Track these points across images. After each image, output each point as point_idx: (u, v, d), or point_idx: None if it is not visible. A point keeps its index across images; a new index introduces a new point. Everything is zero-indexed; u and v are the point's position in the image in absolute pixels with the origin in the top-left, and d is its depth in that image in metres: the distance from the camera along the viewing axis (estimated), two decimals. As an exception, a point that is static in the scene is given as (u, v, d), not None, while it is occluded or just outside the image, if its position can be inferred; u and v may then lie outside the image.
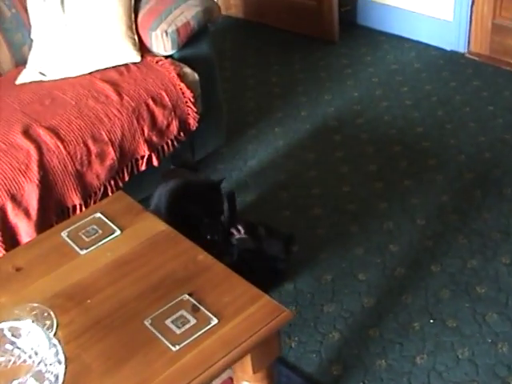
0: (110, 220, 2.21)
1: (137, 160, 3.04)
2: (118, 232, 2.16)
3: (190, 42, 3.21)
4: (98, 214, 2.25)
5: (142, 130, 2.97)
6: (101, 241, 2.13)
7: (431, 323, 2.64)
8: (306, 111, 3.91)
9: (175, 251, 2.10)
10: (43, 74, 3.09)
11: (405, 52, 4.39)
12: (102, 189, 2.91)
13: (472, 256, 2.92)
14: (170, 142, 3.11)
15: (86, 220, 2.24)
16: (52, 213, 2.77)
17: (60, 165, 2.74)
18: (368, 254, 2.95)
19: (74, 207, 2.85)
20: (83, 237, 2.15)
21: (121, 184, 2.97)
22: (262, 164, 3.54)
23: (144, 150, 3.00)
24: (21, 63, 3.22)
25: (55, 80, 3.08)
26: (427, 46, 4.42)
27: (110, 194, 2.92)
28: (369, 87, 4.07)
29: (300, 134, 3.74)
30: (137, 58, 3.09)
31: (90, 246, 2.11)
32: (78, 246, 2.11)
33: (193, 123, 3.15)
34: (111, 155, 2.87)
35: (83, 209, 2.84)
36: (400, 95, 3.95)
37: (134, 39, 3.11)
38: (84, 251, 2.09)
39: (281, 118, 3.88)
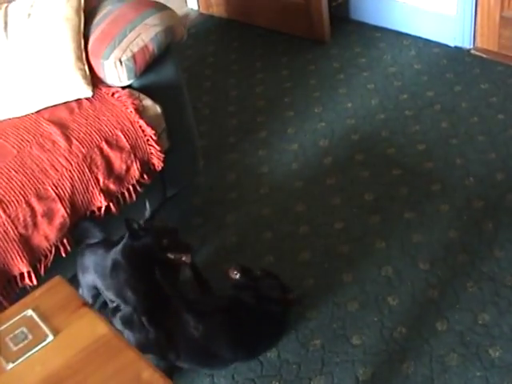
0: (42, 319, 1.89)
1: (93, 212, 2.60)
2: (50, 337, 1.83)
3: (151, 67, 2.75)
4: (30, 312, 1.92)
5: (97, 179, 2.57)
6: (30, 350, 1.81)
7: (437, 401, 2.22)
8: (293, 128, 3.48)
9: (116, 365, 1.76)
10: (-15, 115, 2.66)
11: (403, 50, 3.93)
12: (53, 250, 2.50)
13: (483, 308, 2.53)
14: (131, 188, 2.68)
15: (15, 320, 1.91)
16: (-5, 286, 2.37)
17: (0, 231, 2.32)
18: (363, 311, 2.56)
19: (22, 275, 2.43)
20: (11, 344, 1.83)
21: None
22: (243, 196, 3.15)
23: (100, 201, 2.59)
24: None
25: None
26: (428, 42, 3.97)
27: (63, 254, 2.52)
28: (363, 96, 3.63)
29: (286, 157, 3.32)
30: (88, 92, 2.68)
31: (18, 358, 1.79)
32: (4, 357, 1.80)
33: (157, 163, 2.75)
34: (60, 212, 2.48)
35: (32, 276, 2.48)
36: (399, 104, 3.52)
37: (85, 71, 2.70)
38: (11, 365, 1.78)
39: (265, 137, 3.47)
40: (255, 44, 4.31)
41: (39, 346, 1.81)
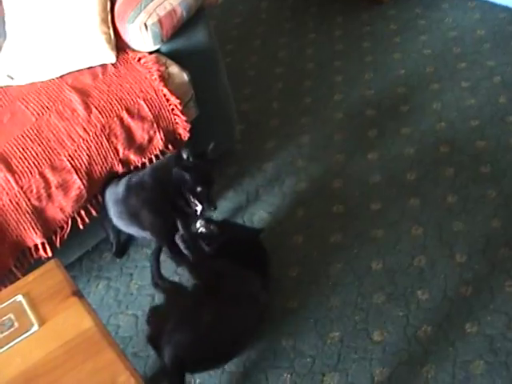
0: (31, 307, 1.86)
1: (113, 182, 2.51)
2: (35, 327, 1.81)
3: (181, 32, 2.60)
4: (20, 298, 1.89)
5: (116, 150, 2.48)
6: (14, 340, 1.79)
7: (455, 412, 2.05)
8: (340, 95, 3.28)
9: (94, 365, 1.71)
10: (11, 78, 2.60)
11: (467, 13, 3.63)
12: (69, 222, 2.41)
13: (520, 312, 2.28)
14: (154, 158, 2.57)
15: (4, 305, 1.89)
16: (8, 257, 2.41)
17: (11, 203, 2.33)
18: (389, 304, 2.40)
19: (37, 246, 2.38)
20: None
21: (94, 213, 2.47)
22: (280, 168, 2.99)
23: (119, 172, 2.48)
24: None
25: (22, 86, 2.61)
26: (494, 5, 3.64)
27: (80, 226, 2.45)
28: (419, 62, 3.38)
29: (330, 126, 3.14)
30: (111, 57, 2.58)
31: (1, 348, 1.78)
32: None
33: (183, 133, 2.62)
34: (76, 184, 2.41)
35: (47, 248, 2.44)
36: (455, 74, 3.26)
37: (109, 35, 2.58)
38: None
39: (310, 104, 3.27)
40: (310, 1, 4.05)
41: (23, 336, 1.78)
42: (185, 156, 2.32)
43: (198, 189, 2.33)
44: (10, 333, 1.78)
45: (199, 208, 2.37)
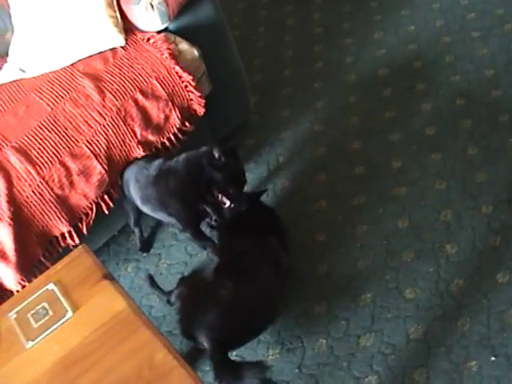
0: (63, 294, 1.88)
1: (135, 165, 2.52)
2: (69, 314, 1.83)
3: (187, 8, 2.59)
4: (52, 286, 1.91)
5: (133, 132, 2.48)
6: (50, 327, 1.81)
7: (492, 362, 2.10)
8: (351, 56, 3.26)
9: (131, 345, 1.73)
10: (23, 71, 2.62)
11: (473, -37, 3.55)
12: (94, 207, 2.43)
13: (551, 256, 2.26)
14: (172, 137, 2.57)
15: (37, 294, 1.90)
16: (36, 247, 2.41)
17: (35, 194, 2.33)
18: (419, 260, 2.40)
19: (63, 235, 2.39)
20: (32, 321, 1.84)
21: (117, 196, 2.49)
22: (298, 135, 2.99)
23: (140, 153, 2.49)
24: (5, 54, 2.77)
25: (35, 77, 2.62)
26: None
27: (105, 211, 2.46)
28: (428, 17, 3.34)
29: (343, 88, 3.13)
30: (120, 40, 2.57)
31: (38, 336, 1.80)
32: (24, 335, 1.81)
33: (199, 109, 2.63)
34: (97, 169, 2.42)
35: (74, 236, 2.45)
36: (465, 25, 3.22)
37: (116, 18, 2.58)
38: (30, 343, 1.79)
39: (322, 68, 3.26)
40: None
41: (58, 323, 1.80)
42: (216, 154, 2.29)
43: (230, 190, 2.32)
44: (46, 321, 1.80)
45: (227, 205, 2.35)
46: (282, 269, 2.32)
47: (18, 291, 2.29)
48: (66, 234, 2.44)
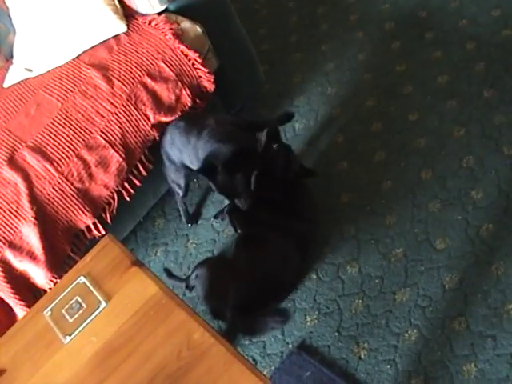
0: (94, 285, 1.88)
1: (151, 148, 2.51)
2: (103, 304, 1.83)
3: (185, -14, 2.57)
4: (82, 279, 1.91)
5: (146, 116, 2.48)
6: (85, 320, 1.82)
7: (531, 302, 2.05)
8: (355, 14, 3.22)
9: (167, 328, 1.73)
10: (30, 70, 2.63)
11: None
12: (115, 196, 2.44)
13: None
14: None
15: (69, 289, 1.91)
16: (63, 243, 2.42)
17: (55, 190, 2.34)
18: (446, 210, 2.39)
19: (89, 227, 2.41)
20: (67, 316, 1.85)
21: (138, 183, 2.49)
22: (311, 99, 2.97)
23: (156, 136, 2.49)
24: (10, 56, 2.79)
25: (42, 75, 2.62)
26: None
27: (127, 198, 2.47)
28: (429, -36, 3.26)
29: (351, 47, 3.09)
30: (122, 27, 2.56)
31: (74, 330, 1.80)
32: (61, 331, 1.82)
33: (209, 85, 2.61)
34: (115, 158, 2.42)
35: (99, 227, 2.46)
36: (468, -32, 3.13)
37: (115, 5, 2.57)
38: (68, 338, 1.80)
39: (327, 30, 3.23)
40: None
41: (93, 315, 1.81)
42: (263, 139, 2.26)
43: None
44: (80, 314, 1.81)
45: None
46: (302, 240, 2.32)
47: (50, 289, 2.29)
48: (92, 226, 2.44)
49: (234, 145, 2.25)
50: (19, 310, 2.27)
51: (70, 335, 1.79)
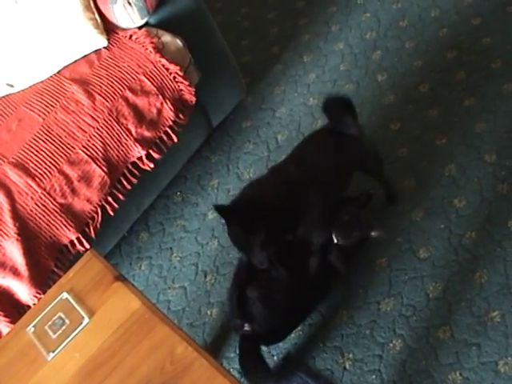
0: (77, 301, 1.88)
1: (134, 163, 2.51)
2: (86, 320, 1.82)
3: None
4: (65, 295, 1.90)
5: (128, 130, 2.48)
6: (68, 336, 1.81)
7: (515, 309, 2.05)
8: (336, 25, 3.24)
9: (150, 342, 1.72)
10: (11, 86, 2.62)
11: None
12: (99, 211, 2.44)
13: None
14: (169, 130, 2.56)
15: (52, 305, 1.90)
16: (47, 259, 2.41)
17: (38, 206, 2.34)
18: (429, 219, 2.40)
19: (73, 242, 2.40)
20: (50, 332, 1.84)
21: (122, 197, 2.49)
22: (293, 111, 2.96)
23: (138, 151, 2.49)
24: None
25: (23, 90, 2.62)
26: None
27: (110, 212, 2.46)
28: (409, -27, 3.28)
29: (333, 59, 3.10)
30: (102, 41, 2.56)
31: (58, 347, 1.80)
32: (44, 347, 1.81)
33: (190, 98, 2.61)
34: (97, 173, 2.43)
35: (83, 242, 2.46)
36: (448, -24, 3.15)
37: (95, 20, 2.57)
38: (51, 355, 1.79)
39: (309, 41, 3.24)
40: None
41: (76, 331, 1.80)
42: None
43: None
44: (63, 330, 1.80)
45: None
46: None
47: (34, 304, 2.29)
48: (75, 241, 2.44)
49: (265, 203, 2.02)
50: (3, 327, 2.25)
51: (53, 351, 1.78)
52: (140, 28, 2.61)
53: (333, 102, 2.29)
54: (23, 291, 2.32)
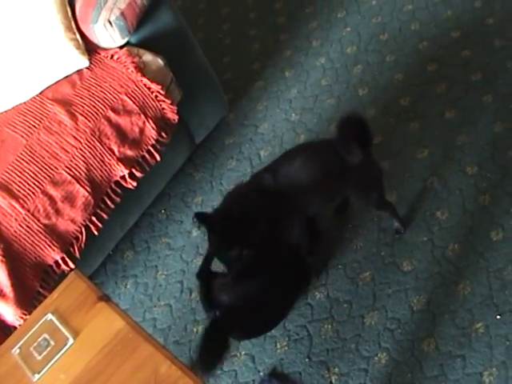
0: (62, 322, 1.88)
1: (117, 182, 2.52)
2: (70, 341, 1.82)
3: (146, 18, 2.60)
4: (50, 316, 1.90)
5: (111, 150, 2.49)
6: (53, 357, 1.81)
7: (498, 319, 2.12)
8: (317, 40, 3.27)
9: (135, 362, 1.72)
10: (-7, 106, 2.60)
11: None
12: (83, 231, 2.44)
13: (542, 208, 2.27)
14: (152, 149, 2.57)
15: (37, 327, 1.90)
16: (32, 279, 2.41)
17: (22, 227, 2.34)
18: (411, 232, 2.42)
19: (57, 262, 2.40)
20: (35, 354, 1.84)
21: (106, 216, 2.49)
22: (275, 126, 2.98)
23: (121, 170, 2.49)
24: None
25: (6, 111, 2.61)
26: None
27: (95, 232, 2.47)
28: (387, -11, 3.31)
29: (314, 74, 3.12)
30: (84, 62, 2.57)
31: (43, 368, 1.79)
32: (30, 368, 1.81)
33: (173, 116, 2.62)
34: (81, 193, 2.43)
35: (68, 262, 2.45)
36: (426, -10, 3.19)
37: (77, 40, 2.58)
38: (36, 376, 1.78)
39: (290, 56, 3.27)
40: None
41: (61, 352, 1.80)
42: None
43: None
44: (48, 352, 1.80)
45: None
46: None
47: (20, 325, 2.28)
48: (60, 261, 2.43)
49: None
50: (-11, 349, 2.24)
51: (38, 373, 1.78)
52: (121, 47, 2.61)
53: (347, 125, 2.17)
54: (9, 312, 2.32)
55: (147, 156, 2.61)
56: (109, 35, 2.55)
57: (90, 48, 2.63)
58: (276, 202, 2.10)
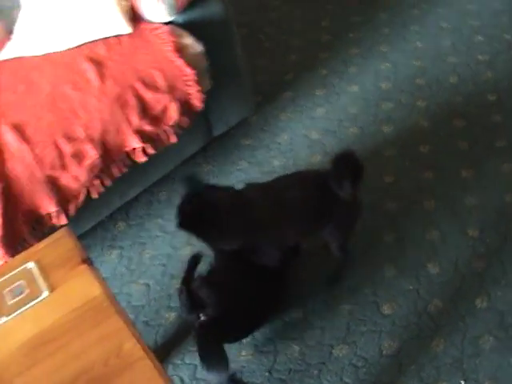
0: (41, 273, 1.85)
1: (128, 153, 2.51)
2: (45, 294, 1.80)
3: (196, 3, 2.61)
4: (31, 265, 1.88)
5: (129, 121, 2.46)
6: (24, 305, 1.79)
7: (461, 385, 2.07)
8: (355, 67, 3.26)
9: (101, 332, 1.72)
10: (28, 48, 2.58)
11: (486, -13, 3.56)
12: (84, 191, 2.43)
13: (532, 288, 2.27)
14: (170, 129, 2.57)
15: (15, 272, 1.89)
16: (22, 225, 2.39)
17: (26, 172, 2.33)
18: (400, 277, 2.41)
19: (50, 215, 2.39)
20: (7, 298, 1.82)
21: (109, 183, 2.48)
22: (294, 140, 2.99)
23: (135, 142, 2.48)
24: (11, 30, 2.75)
25: (38, 56, 2.61)
26: (513, -22, 3.55)
27: (95, 195, 2.46)
28: (436, 35, 3.35)
29: (344, 99, 3.12)
30: (127, 28, 2.57)
31: (12, 313, 1.78)
32: None
33: (197, 104, 2.60)
34: (90, 154, 2.41)
35: (61, 216, 2.44)
36: (472, 47, 3.23)
37: (126, 6, 2.57)
38: (4, 319, 1.77)
39: (325, 76, 3.26)
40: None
41: (33, 302, 1.78)
42: None
43: None
44: (21, 299, 1.79)
45: None
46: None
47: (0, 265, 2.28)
48: (54, 214, 2.42)
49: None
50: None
51: (6, 316, 1.77)
52: (165, 24, 2.60)
53: (343, 161, 2.19)
54: (-8, 250, 2.30)
55: (163, 135, 2.59)
56: (156, 9, 2.55)
57: (134, 17, 2.62)
58: (253, 219, 2.14)
